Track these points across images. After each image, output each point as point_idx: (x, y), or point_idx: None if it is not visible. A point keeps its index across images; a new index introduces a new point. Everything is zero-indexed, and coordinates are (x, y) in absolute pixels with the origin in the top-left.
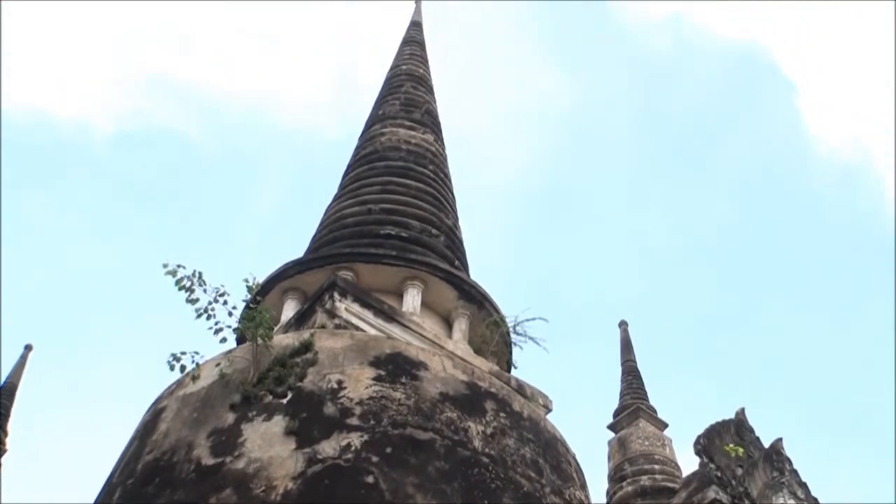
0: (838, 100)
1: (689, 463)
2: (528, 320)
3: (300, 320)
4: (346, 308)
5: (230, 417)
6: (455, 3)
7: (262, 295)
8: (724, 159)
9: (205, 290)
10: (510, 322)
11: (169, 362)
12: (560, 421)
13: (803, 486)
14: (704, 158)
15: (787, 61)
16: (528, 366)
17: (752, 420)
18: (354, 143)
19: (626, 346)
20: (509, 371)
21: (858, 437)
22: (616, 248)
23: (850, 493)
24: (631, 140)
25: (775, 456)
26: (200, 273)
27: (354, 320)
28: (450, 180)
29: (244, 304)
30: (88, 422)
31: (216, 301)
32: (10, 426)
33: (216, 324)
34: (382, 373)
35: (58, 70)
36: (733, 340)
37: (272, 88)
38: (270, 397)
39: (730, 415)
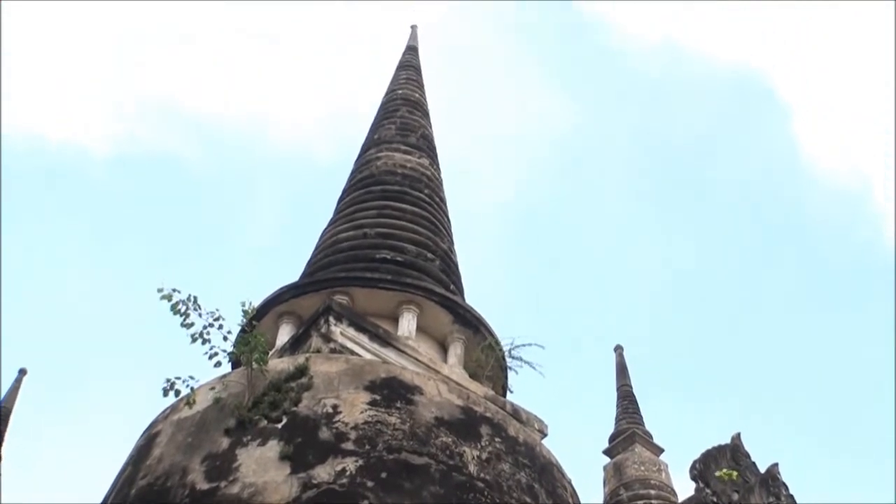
0: (834, 125)
1: (684, 488)
2: (523, 345)
3: (295, 345)
4: (342, 332)
5: (225, 442)
6: (452, 26)
7: (258, 319)
8: (719, 183)
9: (200, 315)
10: (506, 346)
11: (164, 388)
12: (556, 446)
13: None
14: (700, 182)
15: (783, 86)
16: (523, 390)
17: (748, 445)
18: (349, 166)
19: (622, 371)
20: (505, 395)
21: (856, 467)
22: (612, 271)
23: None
24: (627, 163)
25: (771, 481)
26: (195, 297)
27: (350, 345)
28: (445, 204)
29: (239, 329)
30: (83, 446)
31: (211, 325)
32: (4, 451)
33: (211, 348)
34: (377, 397)
35: (54, 93)
36: (729, 366)
37: (267, 111)
38: (265, 422)
39: (726, 440)
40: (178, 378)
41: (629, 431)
